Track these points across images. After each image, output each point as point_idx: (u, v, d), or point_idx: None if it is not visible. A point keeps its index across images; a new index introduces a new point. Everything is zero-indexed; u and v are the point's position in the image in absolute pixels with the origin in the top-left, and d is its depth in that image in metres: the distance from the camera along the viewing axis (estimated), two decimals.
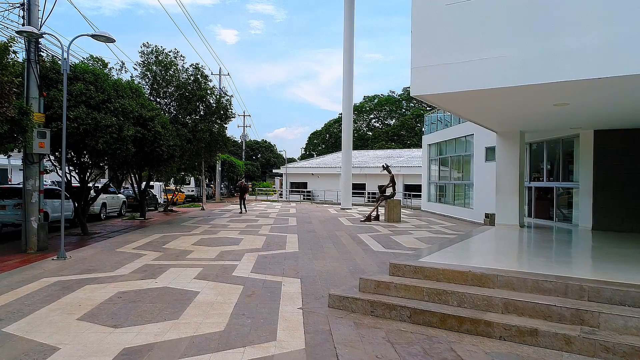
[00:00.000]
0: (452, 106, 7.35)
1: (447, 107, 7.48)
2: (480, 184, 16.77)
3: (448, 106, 7.38)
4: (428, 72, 6.04)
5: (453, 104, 6.97)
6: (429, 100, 6.74)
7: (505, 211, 10.93)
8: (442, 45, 6.02)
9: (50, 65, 11.72)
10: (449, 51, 5.93)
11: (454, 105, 7.14)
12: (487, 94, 6.17)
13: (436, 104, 7.15)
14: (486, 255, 7.35)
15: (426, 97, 6.52)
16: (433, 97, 6.48)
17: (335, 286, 6.85)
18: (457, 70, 5.85)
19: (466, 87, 5.86)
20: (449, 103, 6.92)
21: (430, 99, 6.61)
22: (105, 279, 7.10)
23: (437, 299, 5.34)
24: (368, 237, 12.85)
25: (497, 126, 10.11)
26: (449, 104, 7.11)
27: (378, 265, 8.60)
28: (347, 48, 25.64)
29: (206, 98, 18.00)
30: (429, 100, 6.75)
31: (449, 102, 6.75)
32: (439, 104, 7.23)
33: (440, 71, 5.95)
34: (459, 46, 5.88)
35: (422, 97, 6.44)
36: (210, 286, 6.71)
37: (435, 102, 6.91)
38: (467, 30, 5.86)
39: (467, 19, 5.90)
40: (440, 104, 7.22)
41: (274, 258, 9.21)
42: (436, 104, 7.20)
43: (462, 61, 5.78)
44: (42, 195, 10.99)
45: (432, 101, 6.84)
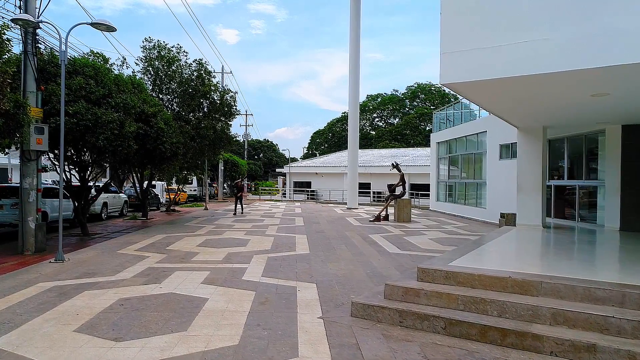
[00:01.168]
0: (481, 96, 6.77)
1: (475, 98, 6.92)
2: (494, 183, 16.22)
3: (477, 96, 6.80)
4: (459, 57, 5.49)
5: (483, 93, 6.41)
6: (457, 89, 6.20)
7: (527, 211, 10.38)
8: (474, 28, 5.48)
9: (49, 58, 11.21)
10: (482, 34, 5.39)
11: (483, 95, 6.57)
12: (523, 82, 5.60)
13: (465, 93, 6.60)
14: (520, 258, 6.72)
15: (455, 86, 5.98)
16: (463, 86, 5.94)
17: (354, 292, 6.32)
18: (491, 55, 5.31)
19: (501, 74, 5.32)
20: (478, 92, 6.36)
21: (460, 88, 6.07)
22: (106, 283, 6.58)
23: (474, 308, 4.80)
24: (380, 237, 12.31)
25: (520, 121, 9.56)
26: (479, 94, 6.54)
27: (396, 268, 8.06)
28: (353, 45, 25.12)
29: (210, 94, 17.49)
30: (457, 89, 6.21)
31: (479, 91, 6.20)
32: (467, 94, 6.66)
33: (473, 56, 5.40)
34: (493, 28, 5.34)
35: (450, 85, 5.90)
36: (219, 292, 6.18)
37: (464, 91, 6.36)
38: (503, 10, 5.32)
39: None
40: (469, 94, 6.66)
41: (284, 260, 8.68)
42: (464, 94, 6.65)
43: (497, 45, 5.24)
44: (40, 194, 10.48)
45: (461, 90, 6.29)
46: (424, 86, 64.14)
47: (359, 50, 25.34)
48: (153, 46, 17.21)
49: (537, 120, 9.44)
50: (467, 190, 19.27)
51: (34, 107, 9.97)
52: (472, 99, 7.02)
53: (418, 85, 64.61)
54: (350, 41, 25.35)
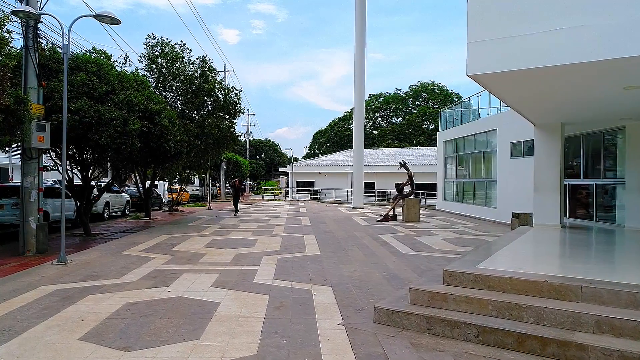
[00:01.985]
0: (507, 89, 6.37)
1: (500, 91, 6.55)
2: (505, 182, 15.87)
3: (503, 89, 6.42)
4: (487, 47, 5.16)
5: (510, 86, 6.04)
6: (484, 82, 5.86)
7: (544, 210, 10.03)
8: (504, 15, 5.14)
9: (51, 54, 10.92)
10: (513, 22, 5.05)
11: (510, 87, 6.19)
12: (555, 73, 5.25)
13: (490, 86, 6.23)
14: (550, 261, 6.27)
15: (482, 78, 5.64)
16: (490, 78, 5.60)
17: (373, 296, 5.99)
18: (523, 44, 4.97)
19: (533, 64, 4.98)
20: (506, 85, 6.00)
21: (486, 80, 5.73)
22: (111, 287, 6.26)
23: (509, 315, 4.46)
24: (391, 238, 11.98)
25: (539, 117, 9.22)
26: (505, 86, 6.16)
27: (413, 270, 7.73)
28: (358, 44, 24.82)
29: (214, 92, 17.14)
30: (483, 82, 5.87)
31: (506, 83, 5.84)
32: (493, 86, 6.28)
33: (503, 46, 5.07)
34: (525, 15, 5.00)
35: (477, 77, 5.55)
36: (231, 296, 5.86)
37: (491, 83, 6.00)
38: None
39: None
40: (495, 86, 6.30)
41: (295, 262, 8.35)
42: (490, 87, 6.28)
43: (530, 33, 4.90)
44: (41, 193, 10.18)
45: (487, 83, 5.95)
46: (426, 85, 63.79)
47: (364, 48, 25.03)
48: (156, 43, 16.88)
49: (556, 117, 9.10)
50: (476, 190, 18.92)
51: (35, 103, 9.66)
52: (497, 92, 6.67)
53: (421, 84, 64.26)
54: (355, 40, 25.05)
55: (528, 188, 14.28)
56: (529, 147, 14.50)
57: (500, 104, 16.94)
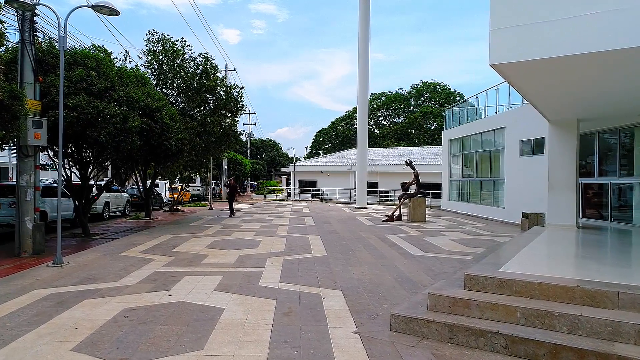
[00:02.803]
0: (529, 80, 5.96)
1: (522, 82, 6.15)
2: (513, 181, 15.49)
3: (525, 80, 6.01)
4: (512, 34, 4.80)
5: (535, 76, 5.63)
6: (506, 72, 5.49)
7: (559, 210, 9.66)
8: None
9: (48, 49, 10.58)
10: (540, 6, 4.69)
11: (533, 78, 5.78)
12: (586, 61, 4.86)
13: (512, 76, 5.83)
14: (577, 264, 5.83)
15: (505, 68, 5.27)
16: (513, 68, 5.23)
17: (387, 300, 5.64)
18: (552, 31, 4.61)
19: (564, 51, 4.62)
20: (530, 75, 5.60)
21: (510, 70, 5.37)
22: (109, 290, 5.91)
23: (539, 323, 4.11)
24: (398, 238, 11.62)
25: (555, 112, 8.84)
26: (529, 77, 5.74)
27: (425, 272, 7.38)
28: (362, 42, 24.47)
29: (216, 89, 16.82)
30: (505, 72, 5.50)
31: (531, 73, 5.45)
32: (515, 77, 5.84)
33: (529, 33, 4.71)
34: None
35: (500, 67, 5.20)
36: (235, 301, 5.51)
37: (514, 74, 5.61)
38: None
39: None
40: (518, 77, 5.89)
41: (301, 264, 8.00)
42: (512, 77, 5.86)
43: (560, 18, 4.54)
44: (38, 192, 9.85)
45: (510, 74, 5.58)
46: (429, 84, 63.39)
47: (368, 47, 24.69)
48: (157, 39, 16.56)
49: (573, 112, 8.73)
50: (483, 189, 18.54)
51: (31, 99, 9.34)
52: (518, 84, 6.28)
53: (423, 83, 63.87)
54: (358, 38, 24.71)
55: (538, 187, 13.93)
56: (539, 145, 14.15)
57: (509, 102, 16.60)
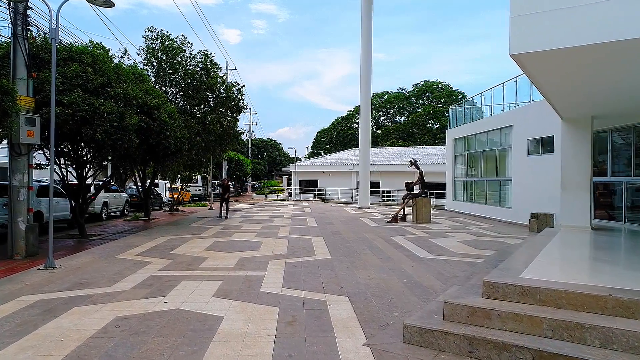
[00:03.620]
0: (550, 72, 5.49)
1: (542, 74, 5.72)
2: (521, 181, 15.11)
3: (546, 72, 5.55)
4: (535, 21, 4.44)
5: (556, 68, 5.22)
6: (526, 63, 5.11)
7: (573, 211, 9.29)
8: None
9: (42, 44, 10.24)
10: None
11: (555, 70, 5.35)
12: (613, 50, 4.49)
13: (532, 68, 5.42)
14: (603, 269, 5.39)
15: (526, 58, 4.91)
16: (535, 58, 4.86)
17: (397, 308, 5.28)
18: (578, 17, 4.26)
19: (589, 40, 4.25)
20: (551, 66, 5.18)
21: (530, 60, 5.00)
22: (100, 297, 5.56)
23: (568, 336, 3.74)
24: (404, 240, 11.26)
25: (569, 110, 8.48)
26: (550, 69, 5.31)
27: (435, 277, 7.02)
28: (364, 41, 24.15)
29: (216, 87, 16.46)
30: (525, 63, 5.12)
31: (552, 64, 5.06)
32: (535, 69, 5.42)
33: (553, 19, 4.35)
34: None
35: (520, 57, 4.83)
36: (235, 308, 5.15)
37: (534, 65, 5.21)
38: None
39: None
40: (537, 69, 5.48)
41: (305, 267, 7.64)
42: (531, 69, 5.44)
43: (587, 4, 4.18)
44: (32, 192, 9.54)
45: (530, 65, 5.20)
46: (430, 84, 63.00)
47: (371, 45, 24.37)
48: (156, 36, 16.22)
49: (588, 108, 8.36)
50: (488, 189, 18.16)
51: (24, 95, 9.00)
52: (536, 76, 5.90)
53: (425, 82, 63.48)
54: (361, 36, 24.38)
55: (546, 187, 13.56)
56: (548, 143, 13.78)
57: (516, 100, 16.22)
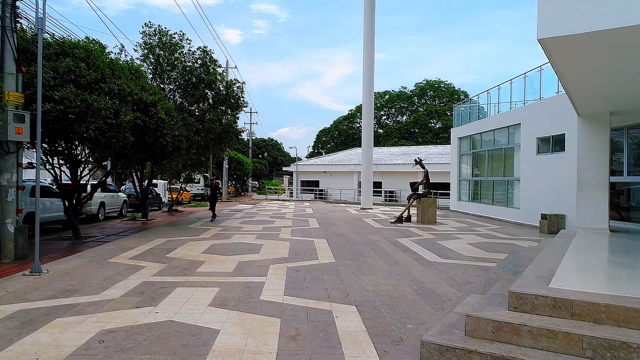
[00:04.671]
0: (579, 59, 4.99)
1: (569, 62, 5.20)
2: (530, 181, 14.64)
3: (574, 59, 5.05)
4: (566, 3, 3.97)
5: (585, 54, 4.73)
6: (555, 48, 4.62)
7: (590, 212, 8.82)
8: None
9: (33, 38, 9.79)
10: None
11: (583, 57, 4.86)
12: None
13: (560, 55, 4.91)
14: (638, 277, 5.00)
15: (554, 44, 4.45)
16: (565, 43, 4.38)
17: (410, 319, 4.82)
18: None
19: (628, 21, 3.78)
20: (580, 52, 4.68)
21: (559, 46, 4.53)
22: (86, 306, 5.11)
23: (611, 357, 3.28)
24: (411, 242, 10.79)
25: (589, 103, 8.00)
26: (578, 55, 4.81)
27: (448, 283, 6.55)
28: (367, 38, 23.74)
29: (215, 84, 16.01)
30: (554, 48, 4.64)
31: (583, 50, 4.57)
32: (562, 56, 4.89)
33: (587, 0, 3.88)
34: None
35: (548, 42, 4.38)
36: (233, 319, 4.70)
37: (562, 51, 4.71)
38: None
39: None
40: (565, 56, 4.95)
41: (308, 272, 7.19)
42: (559, 56, 4.92)
43: None
44: (23, 192, 9.11)
45: (558, 50, 4.71)
46: (432, 83, 62.52)
47: (374, 44, 24.02)
48: (154, 32, 15.80)
49: (608, 103, 7.89)
50: (495, 189, 17.68)
51: (12, 90, 8.58)
52: (562, 64, 5.41)
53: (427, 82, 63.01)
54: (364, 33, 23.99)
55: (558, 187, 13.09)
56: (559, 142, 13.31)
57: (524, 97, 15.74)
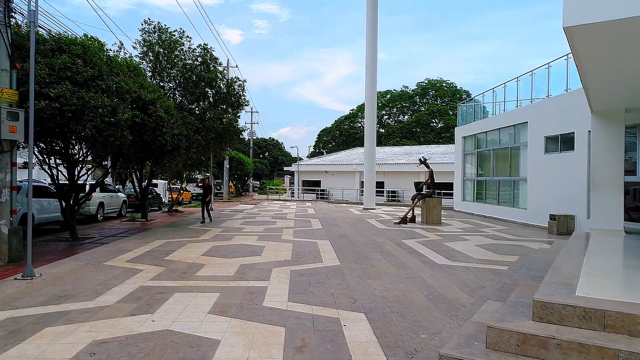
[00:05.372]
0: (603, 50, 4.70)
1: (594, 53, 4.93)
2: (537, 181, 14.32)
3: (598, 50, 4.79)
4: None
5: (611, 44, 4.45)
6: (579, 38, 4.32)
7: (605, 213, 8.51)
8: None
9: (27, 33, 9.50)
10: None
11: (609, 47, 4.58)
12: None
13: (586, 44, 4.57)
14: None
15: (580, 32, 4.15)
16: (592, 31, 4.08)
17: (422, 327, 4.52)
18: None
19: None
20: (606, 42, 4.39)
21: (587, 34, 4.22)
22: (79, 314, 4.81)
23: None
24: (417, 244, 10.49)
25: (603, 100, 7.69)
26: (604, 45, 4.51)
27: (459, 287, 6.25)
28: (369, 36, 23.45)
29: (216, 82, 15.72)
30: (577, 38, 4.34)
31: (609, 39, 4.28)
32: (589, 46, 4.56)
33: None
34: None
35: (575, 30, 4.08)
36: (234, 328, 4.40)
37: (589, 40, 4.38)
38: None
39: None
40: (591, 46, 4.63)
41: (312, 275, 6.89)
42: (583, 46, 4.62)
43: None
44: (15, 192, 8.83)
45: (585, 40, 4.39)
46: (434, 82, 62.20)
47: (376, 42, 23.73)
48: (153, 29, 15.51)
49: (624, 99, 7.58)
50: (501, 189, 17.37)
51: (6, 87, 8.31)
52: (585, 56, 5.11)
53: (429, 81, 62.69)
54: (366, 30, 23.71)
55: (566, 187, 12.79)
56: (568, 141, 13.00)
57: (531, 95, 15.42)
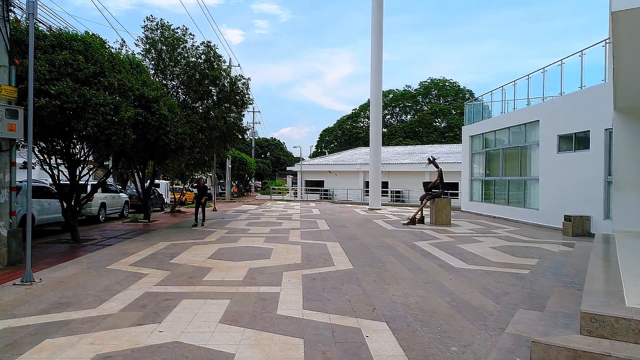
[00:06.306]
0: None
1: (637, 41, 4.64)
2: (550, 180, 13.96)
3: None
4: None
5: None
6: (628, 23, 3.98)
7: (627, 213, 8.16)
8: None
9: (27, 29, 9.18)
10: None
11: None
12: None
13: (630, 32, 4.30)
14: None
15: (631, 16, 3.81)
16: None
17: (451, 338, 4.19)
18: None
19: None
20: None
21: (633, 20, 3.88)
22: (81, 324, 4.49)
23: None
24: (430, 246, 10.15)
25: (629, 97, 7.35)
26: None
27: (482, 293, 5.91)
28: (375, 38, 23.28)
29: (220, 80, 15.40)
30: (626, 23, 3.99)
31: None
32: (633, 33, 4.31)
33: None
34: None
35: (625, 15, 3.74)
36: (249, 340, 4.07)
37: (635, 26, 4.08)
38: None
39: None
40: (634, 34, 4.37)
41: (325, 280, 6.56)
42: (628, 34, 4.31)
43: None
44: (15, 193, 8.52)
45: (631, 26, 4.07)
46: (437, 82, 61.84)
47: (382, 43, 23.62)
48: (155, 26, 15.20)
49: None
50: (511, 189, 17.01)
51: (5, 84, 8.01)
52: (629, 44, 4.76)
53: (431, 80, 62.34)
54: (372, 28, 23.56)
55: (581, 187, 12.44)
56: (583, 139, 12.65)
57: (543, 93, 15.06)
